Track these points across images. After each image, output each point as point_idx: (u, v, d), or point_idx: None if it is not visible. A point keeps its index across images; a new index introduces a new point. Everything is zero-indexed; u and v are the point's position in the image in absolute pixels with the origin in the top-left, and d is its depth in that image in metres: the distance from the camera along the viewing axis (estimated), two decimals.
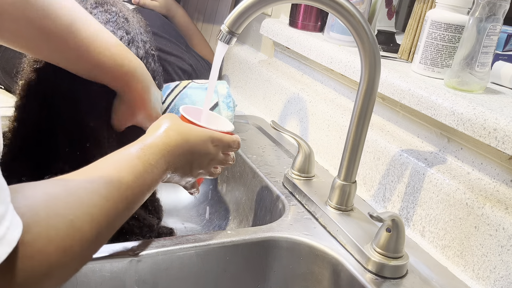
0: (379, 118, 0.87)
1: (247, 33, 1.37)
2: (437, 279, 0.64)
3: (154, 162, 0.55)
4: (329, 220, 0.72)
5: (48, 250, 0.38)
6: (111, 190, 0.48)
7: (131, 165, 0.52)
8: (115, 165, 0.51)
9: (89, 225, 0.43)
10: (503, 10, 0.71)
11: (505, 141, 0.61)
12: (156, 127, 0.60)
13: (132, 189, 0.51)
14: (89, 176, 0.48)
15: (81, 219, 0.43)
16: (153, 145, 0.56)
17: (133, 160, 0.53)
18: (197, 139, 0.62)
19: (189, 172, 0.63)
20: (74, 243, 0.41)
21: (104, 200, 0.46)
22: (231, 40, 0.65)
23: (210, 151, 0.64)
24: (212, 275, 0.67)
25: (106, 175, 0.49)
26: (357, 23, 0.63)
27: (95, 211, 0.44)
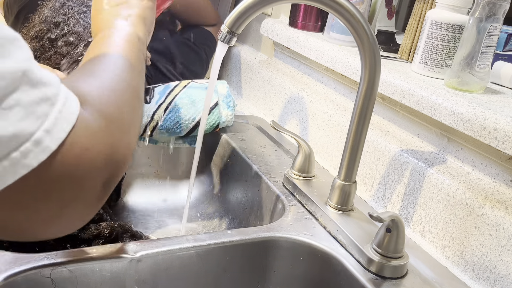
0: (379, 118, 0.87)
1: (247, 33, 1.37)
2: (437, 279, 0.64)
3: (141, 34, 0.60)
4: (329, 220, 0.72)
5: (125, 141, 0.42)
6: (130, 72, 0.51)
7: (134, 41, 0.57)
8: (126, 45, 0.55)
9: (131, 116, 0.46)
10: (503, 10, 0.71)
11: (505, 141, 0.61)
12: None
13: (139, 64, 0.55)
14: (109, 60, 0.51)
15: (126, 110, 0.45)
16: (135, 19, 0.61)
17: (132, 38, 0.57)
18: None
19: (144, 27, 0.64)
20: (133, 135, 0.45)
21: (126, 84, 0.49)
22: (231, 40, 0.65)
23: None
24: (212, 275, 0.67)
25: (123, 54, 0.53)
26: (357, 23, 0.63)
27: (131, 100, 0.47)
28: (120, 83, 0.47)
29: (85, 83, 0.44)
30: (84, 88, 0.42)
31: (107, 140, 0.39)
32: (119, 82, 0.47)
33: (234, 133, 1.04)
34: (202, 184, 1.08)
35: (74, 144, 0.36)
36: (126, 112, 0.45)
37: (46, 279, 0.57)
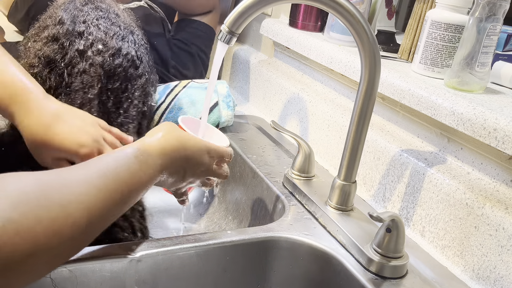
0: (379, 118, 0.87)
1: (247, 33, 1.37)
2: (437, 279, 0.64)
3: (151, 162, 0.57)
4: (329, 220, 0.72)
5: (36, 229, 0.39)
6: (106, 182, 0.49)
7: (127, 162, 0.54)
8: (111, 161, 0.52)
9: (81, 212, 0.44)
10: (503, 10, 0.71)
11: (505, 141, 0.61)
12: (155, 131, 0.62)
13: (127, 185, 0.52)
14: (85, 168, 0.50)
15: (74, 206, 0.44)
16: (151, 147, 0.58)
17: (129, 158, 0.54)
18: (194, 148, 0.64)
19: (181, 179, 0.65)
20: (65, 228, 0.42)
21: (97, 190, 0.47)
22: (231, 40, 0.65)
23: (204, 160, 0.66)
24: (212, 275, 0.67)
25: (102, 169, 0.50)
26: (357, 23, 0.63)
27: (88, 199, 0.46)
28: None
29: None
30: (23, 197, 0.40)
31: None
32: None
33: (234, 133, 1.04)
34: None
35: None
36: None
37: (46, 279, 0.57)
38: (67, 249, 0.44)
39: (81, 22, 0.76)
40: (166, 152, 0.59)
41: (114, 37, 0.77)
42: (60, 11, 0.77)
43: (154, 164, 0.57)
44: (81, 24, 0.75)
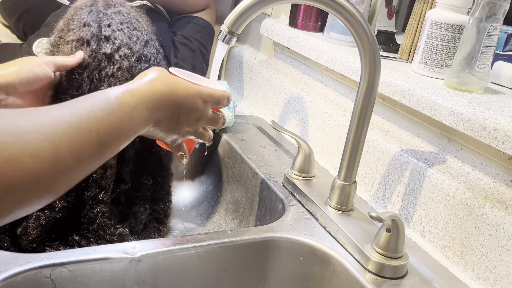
0: (379, 118, 0.87)
1: (247, 33, 1.37)
2: (437, 279, 0.64)
3: (132, 104, 0.52)
4: (329, 220, 0.72)
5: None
6: (76, 119, 0.45)
7: (105, 102, 0.50)
8: (87, 101, 0.49)
9: (42, 143, 0.41)
10: (503, 10, 0.71)
11: (505, 141, 0.61)
12: (141, 76, 0.58)
13: (104, 125, 0.48)
14: (57, 107, 0.46)
15: (33, 135, 0.40)
16: (135, 90, 0.54)
17: (109, 99, 0.50)
18: (185, 92, 0.60)
19: (174, 127, 0.61)
20: (22, 156, 0.39)
21: (65, 125, 0.44)
22: (231, 40, 0.65)
23: (198, 106, 0.62)
24: (212, 275, 0.67)
25: (74, 107, 0.47)
26: (357, 23, 0.63)
27: (52, 131, 0.42)
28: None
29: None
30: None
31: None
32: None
33: (234, 133, 1.04)
34: (202, 184, 1.08)
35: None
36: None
37: (46, 279, 0.57)
38: (29, 182, 0.40)
39: (106, 26, 0.75)
40: (152, 96, 0.55)
41: (138, 42, 0.77)
42: (84, 14, 0.76)
43: (137, 106, 0.53)
44: (107, 28, 0.75)
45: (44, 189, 0.42)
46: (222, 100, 0.65)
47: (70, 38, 0.75)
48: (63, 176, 0.43)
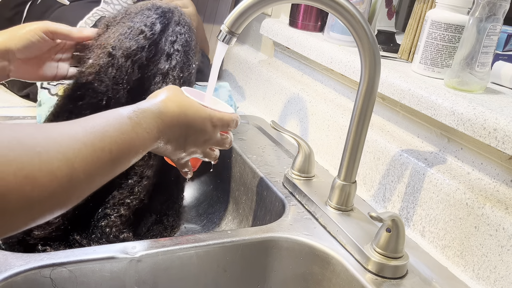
0: (379, 118, 0.87)
1: (247, 33, 1.37)
2: (437, 279, 0.64)
3: (145, 125, 0.54)
4: (329, 220, 0.72)
5: (3, 170, 0.38)
6: (91, 138, 0.47)
7: (119, 122, 0.51)
8: (101, 120, 0.50)
9: (59, 163, 0.42)
10: (503, 10, 0.71)
11: (505, 141, 0.61)
12: (155, 95, 0.59)
13: (117, 144, 0.49)
14: (72, 123, 0.47)
15: (51, 154, 0.42)
16: (147, 110, 0.55)
17: (122, 118, 0.52)
18: (195, 115, 0.61)
19: (182, 147, 0.62)
20: (38, 174, 0.40)
21: (81, 144, 0.45)
22: (231, 40, 0.65)
23: (207, 129, 0.63)
24: (212, 275, 0.67)
25: (90, 125, 0.48)
26: (357, 23, 0.63)
27: (69, 151, 0.43)
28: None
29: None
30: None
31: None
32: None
33: (234, 133, 1.04)
34: (202, 184, 1.08)
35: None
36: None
37: (46, 279, 0.57)
38: (44, 199, 0.41)
39: (171, 42, 0.76)
40: (163, 117, 0.57)
41: (190, 67, 0.79)
42: (152, 17, 0.76)
43: (148, 127, 0.54)
44: (171, 45, 0.76)
45: (57, 204, 0.44)
46: (231, 124, 0.67)
47: (127, 45, 0.75)
48: (75, 192, 0.45)
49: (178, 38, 0.77)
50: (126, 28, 0.76)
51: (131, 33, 0.75)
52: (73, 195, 0.45)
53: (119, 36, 0.75)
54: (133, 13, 0.78)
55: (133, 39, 0.75)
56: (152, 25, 0.76)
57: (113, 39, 0.75)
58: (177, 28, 0.77)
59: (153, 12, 0.77)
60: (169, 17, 0.78)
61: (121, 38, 0.75)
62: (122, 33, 0.75)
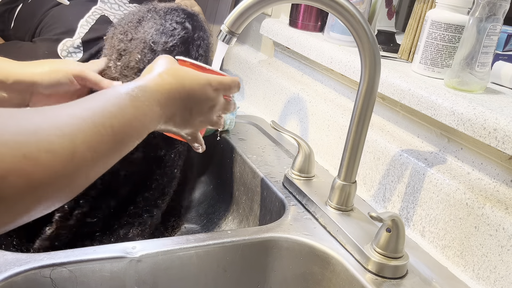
0: (379, 118, 0.87)
1: (247, 33, 1.37)
2: (437, 279, 0.64)
3: (144, 99, 0.52)
4: (329, 220, 0.72)
5: (1, 151, 0.36)
6: (90, 114, 0.45)
7: (117, 97, 0.49)
8: (99, 97, 0.49)
9: (59, 139, 0.40)
10: (503, 10, 0.71)
11: (505, 141, 0.61)
12: (149, 69, 0.58)
13: (117, 119, 0.47)
14: (70, 104, 0.46)
15: (49, 131, 0.40)
16: (145, 85, 0.54)
17: (120, 94, 0.50)
18: (194, 83, 0.59)
19: (189, 120, 0.60)
20: (40, 153, 0.39)
21: (81, 120, 0.43)
22: (231, 40, 0.65)
23: (209, 95, 0.61)
24: (212, 275, 0.67)
25: (87, 102, 0.46)
26: (357, 23, 0.63)
27: (68, 128, 0.42)
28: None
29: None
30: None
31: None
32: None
33: (234, 133, 1.04)
34: (202, 184, 1.08)
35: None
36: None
37: (46, 279, 0.57)
38: (48, 179, 0.40)
39: (197, 46, 0.78)
40: (162, 90, 0.55)
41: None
42: (185, 21, 0.78)
43: (147, 101, 0.52)
44: (196, 50, 0.78)
45: (62, 185, 0.42)
46: (233, 86, 0.64)
47: (145, 37, 0.75)
48: (80, 172, 0.43)
49: (202, 43, 0.79)
50: (159, 24, 0.77)
51: (165, 28, 0.76)
52: (78, 174, 0.43)
53: (154, 31, 0.76)
54: (161, 11, 0.79)
55: (169, 35, 0.76)
56: (183, 24, 0.77)
57: (150, 34, 0.76)
58: (201, 33, 0.79)
59: (181, 12, 0.79)
60: (195, 20, 0.80)
61: (157, 34, 0.76)
62: (157, 29, 0.76)
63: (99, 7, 1.13)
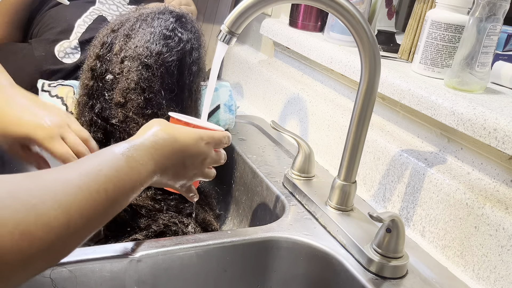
0: (379, 118, 0.87)
1: (247, 33, 1.37)
2: (437, 279, 0.64)
3: (139, 158, 0.53)
4: (329, 220, 0.72)
5: (0, 231, 0.36)
6: (86, 181, 0.45)
7: (112, 159, 0.50)
8: (94, 159, 0.49)
9: (55, 212, 0.41)
10: (503, 10, 0.71)
11: (505, 141, 0.61)
12: (144, 130, 0.59)
13: (113, 183, 0.48)
14: (65, 168, 0.46)
15: (47, 205, 0.40)
16: (139, 144, 0.55)
17: (115, 155, 0.51)
18: (186, 138, 0.61)
19: (183, 173, 0.62)
20: (36, 229, 0.39)
21: (76, 188, 0.44)
22: (231, 40, 0.65)
23: (201, 149, 0.63)
24: (212, 275, 0.67)
25: (83, 167, 0.47)
26: (357, 23, 0.63)
27: (63, 198, 0.42)
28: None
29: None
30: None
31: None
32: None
33: (234, 133, 1.04)
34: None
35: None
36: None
37: (46, 279, 0.57)
38: (46, 254, 0.41)
39: (190, 53, 0.81)
40: (156, 146, 0.56)
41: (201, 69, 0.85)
42: (175, 24, 0.80)
43: (142, 159, 0.53)
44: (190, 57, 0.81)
45: (54, 254, 0.43)
46: (223, 140, 0.67)
47: (137, 53, 0.77)
48: (73, 239, 0.44)
49: (193, 49, 0.81)
50: (149, 34, 0.77)
51: (155, 37, 0.77)
52: (72, 241, 0.44)
53: (145, 43, 0.77)
54: (149, 18, 0.79)
55: (160, 44, 0.77)
56: (173, 28, 0.78)
57: (141, 48, 0.76)
58: (190, 35, 0.81)
59: (168, 15, 0.80)
60: (183, 22, 0.81)
61: (148, 45, 0.77)
62: (147, 40, 0.77)
63: (97, 8, 1.13)
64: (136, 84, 0.75)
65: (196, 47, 0.81)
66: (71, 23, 1.08)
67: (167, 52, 0.77)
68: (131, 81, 0.75)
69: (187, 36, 0.79)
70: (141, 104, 0.75)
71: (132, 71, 0.75)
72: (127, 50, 0.77)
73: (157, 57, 0.76)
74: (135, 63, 0.75)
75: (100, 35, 0.82)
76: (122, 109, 0.76)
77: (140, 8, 0.84)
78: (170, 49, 0.77)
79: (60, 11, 1.12)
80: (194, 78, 0.82)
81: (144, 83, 0.75)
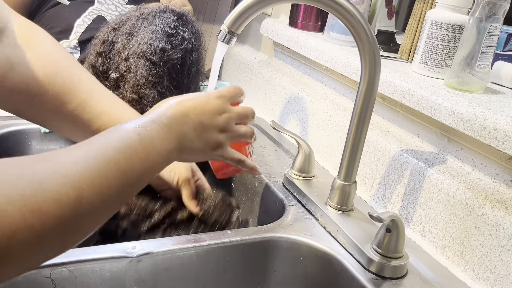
0: (379, 118, 0.87)
1: (247, 33, 1.37)
2: (437, 279, 0.64)
3: (150, 128, 0.51)
4: (329, 220, 0.72)
5: (7, 209, 0.36)
6: (94, 154, 0.44)
7: (119, 131, 0.49)
8: (101, 135, 0.48)
9: (65, 188, 0.40)
10: (503, 10, 0.71)
11: (505, 141, 0.61)
12: (154, 107, 0.58)
13: (122, 153, 0.46)
14: (73, 147, 0.45)
15: (54, 181, 0.40)
16: (150, 118, 0.53)
17: (123, 129, 0.49)
18: (194, 98, 0.58)
19: (206, 134, 0.58)
20: (46, 206, 0.38)
21: (84, 162, 0.43)
22: (231, 40, 0.65)
23: (215, 104, 0.60)
24: (212, 275, 0.67)
25: (89, 144, 0.46)
26: (357, 23, 0.63)
27: (72, 173, 0.41)
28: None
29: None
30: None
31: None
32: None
33: None
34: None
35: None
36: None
37: (46, 279, 0.57)
38: (55, 230, 0.39)
39: (190, 53, 0.81)
40: (166, 115, 0.54)
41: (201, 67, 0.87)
42: (177, 23, 0.80)
43: (154, 130, 0.51)
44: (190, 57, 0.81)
45: (71, 232, 0.42)
46: (235, 93, 0.64)
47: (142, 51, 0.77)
48: (88, 218, 0.43)
49: (194, 49, 0.81)
50: (151, 32, 0.77)
51: (157, 35, 0.77)
52: (86, 220, 0.43)
53: (148, 40, 0.76)
54: (150, 16, 0.80)
55: (163, 41, 0.77)
56: (175, 26, 0.78)
57: (144, 45, 0.76)
58: (191, 35, 0.82)
59: (170, 14, 0.80)
60: (184, 20, 0.81)
61: (151, 42, 0.76)
62: (150, 37, 0.77)
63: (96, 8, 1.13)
64: (146, 79, 0.75)
65: (196, 48, 0.82)
66: (71, 23, 1.08)
67: (171, 49, 0.77)
68: (141, 77, 0.75)
69: (189, 35, 0.80)
70: (157, 98, 0.76)
71: (140, 67, 0.75)
72: (130, 48, 0.77)
73: (161, 54, 0.76)
74: (142, 60, 0.76)
75: (101, 34, 0.82)
76: (138, 105, 0.76)
77: (140, 7, 0.85)
78: (174, 46, 0.77)
79: (59, 11, 1.12)
80: (193, 79, 0.82)
81: (154, 78, 0.75)
